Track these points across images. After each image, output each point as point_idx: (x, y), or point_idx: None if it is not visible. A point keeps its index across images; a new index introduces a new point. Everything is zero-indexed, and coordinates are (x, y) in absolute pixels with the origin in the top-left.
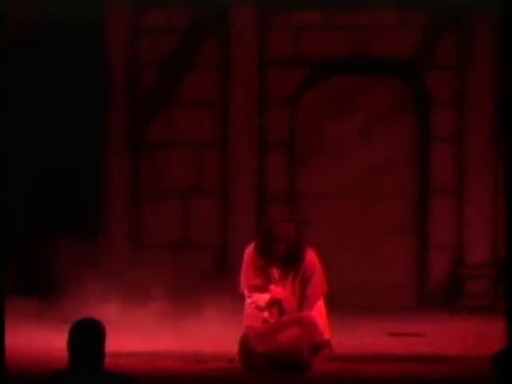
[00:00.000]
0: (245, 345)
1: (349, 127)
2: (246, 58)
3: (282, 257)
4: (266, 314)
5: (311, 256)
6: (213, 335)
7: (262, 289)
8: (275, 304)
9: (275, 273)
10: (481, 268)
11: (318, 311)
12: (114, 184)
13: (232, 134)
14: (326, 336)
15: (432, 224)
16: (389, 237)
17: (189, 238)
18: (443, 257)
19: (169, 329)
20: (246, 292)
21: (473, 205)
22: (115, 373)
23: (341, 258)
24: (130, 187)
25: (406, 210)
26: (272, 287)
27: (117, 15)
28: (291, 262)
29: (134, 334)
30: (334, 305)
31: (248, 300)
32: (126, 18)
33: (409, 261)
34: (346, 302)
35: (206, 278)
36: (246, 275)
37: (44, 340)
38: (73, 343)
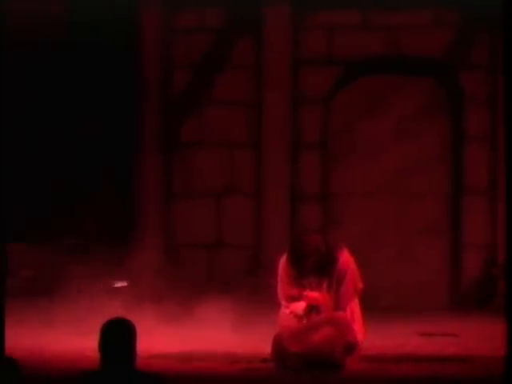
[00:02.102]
0: (278, 345)
1: (382, 127)
2: (279, 57)
3: (314, 267)
4: (304, 322)
5: (344, 256)
6: (245, 335)
7: (299, 298)
8: (313, 310)
9: (310, 282)
10: None
11: (352, 311)
12: (148, 184)
13: (265, 134)
14: (360, 336)
15: (465, 224)
16: (422, 236)
17: (222, 238)
18: (476, 256)
19: (200, 329)
20: (283, 302)
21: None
22: (148, 372)
23: (374, 258)
24: (163, 187)
25: (439, 210)
26: (307, 293)
27: (151, 16)
28: (324, 270)
29: (165, 334)
30: (366, 305)
31: (286, 310)
32: (160, 18)
33: (442, 261)
34: (378, 302)
35: (239, 277)
36: (282, 286)
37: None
38: (104, 343)
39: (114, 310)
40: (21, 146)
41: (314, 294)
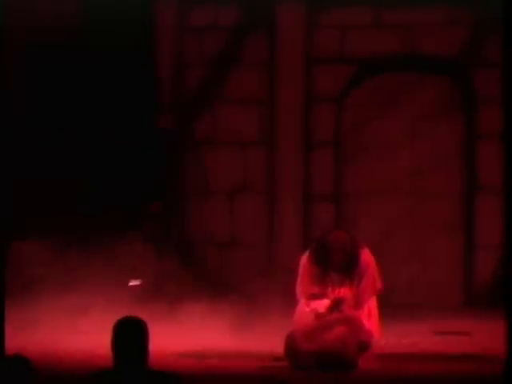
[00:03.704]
0: (291, 343)
1: (395, 126)
2: (292, 56)
3: (340, 265)
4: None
5: (365, 256)
6: (259, 334)
7: (320, 297)
8: (337, 306)
9: (333, 280)
10: None
11: (370, 309)
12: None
13: (278, 133)
14: (376, 335)
15: (479, 223)
16: (435, 236)
17: (235, 237)
18: (490, 256)
19: (213, 327)
20: (303, 300)
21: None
22: (161, 371)
23: (387, 257)
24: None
25: (452, 209)
26: (337, 290)
27: (165, 15)
28: (347, 268)
29: (179, 332)
30: (380, 303)
31: (306, 308)
32: (173, 17)
33: (455, 260)
34: (392, 301)
35: (252, 276)
36: (303, 284)
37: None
38: (116, 342)
39: (128, 308)
40: (36, 146)
41: (344, 291)
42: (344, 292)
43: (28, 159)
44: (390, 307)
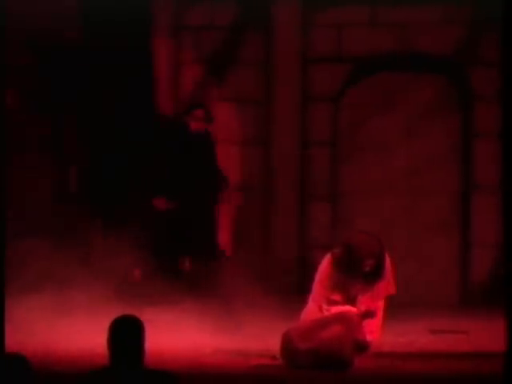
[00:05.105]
0: (287, 342)
1: (392, 124)
2: (288, 54)
3: (368, 271)
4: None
5: (387, 259)
6: (255, 332)
7: (341, 304)
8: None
9: (357, 290)
10: None
11: (375, 310)
12: None
13: (274, 132)
14: (375, 336)
15: (475, 222)
16: (431, 234)
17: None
18: (486, 255)
19: (209, 326)
20: (323, 305)
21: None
22: (158, 370)
23: None
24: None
25: (448, 208)
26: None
27: (162, 14)
28: (374, 276)
29: (175, 330)
30: None
31: (326, 313)
32: (170, 16)
33: (451, 258)
34: (388, 300)
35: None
36: (324, 289)
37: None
38: (112, 340)
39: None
40: None
41: (365, 301)
42: (365, 302)
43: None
44: (386, 305)
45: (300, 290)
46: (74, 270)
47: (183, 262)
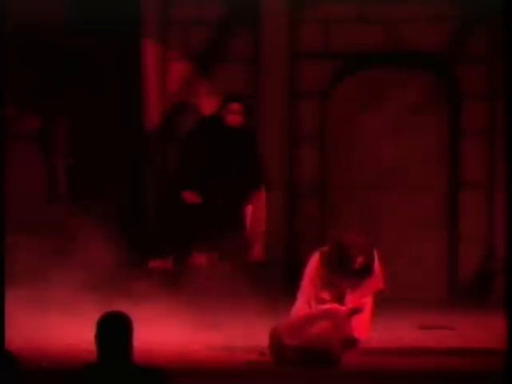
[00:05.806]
0: (275, 338)
1: (380, 120)
2: (277, 50)
3: (358, 270)
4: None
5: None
6: (244, 329)
7: (330, 302)
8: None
9: (347, 287)
10: None
11: (364, 306)
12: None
13: (263, 127)
14: (364, 333)
15: (463, 217)
16: (419, 230)
17: None
18: (474, 250)
19: (200, 322)
20: (312, 303)
21: (504, 198)
22: (147, 365)
23: None
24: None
25: (436, 204)
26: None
27: (150, 11)
28: (364, 273)
29: (164, 326)
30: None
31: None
32: (158, 12)
33: (439, 255)
34: (376, 296)
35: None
36: (313, 288)
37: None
38: (100, 336)
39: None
40: None
41: (354, 299)
42: (354, 299)
43: None
44: (374, 302)
45: (288, 286)
46: (58, 265)
47: (197, 257)
